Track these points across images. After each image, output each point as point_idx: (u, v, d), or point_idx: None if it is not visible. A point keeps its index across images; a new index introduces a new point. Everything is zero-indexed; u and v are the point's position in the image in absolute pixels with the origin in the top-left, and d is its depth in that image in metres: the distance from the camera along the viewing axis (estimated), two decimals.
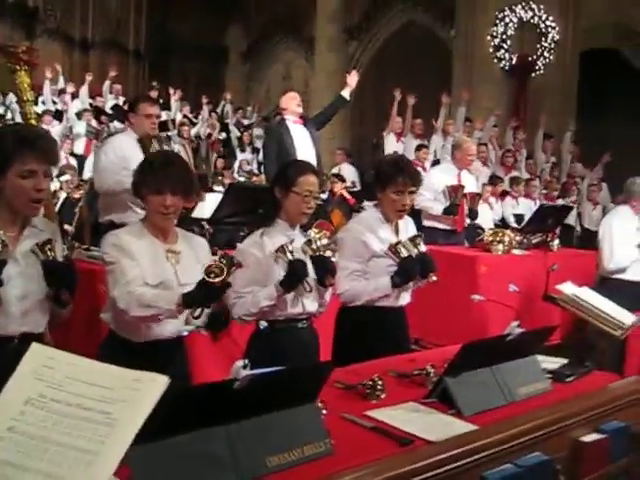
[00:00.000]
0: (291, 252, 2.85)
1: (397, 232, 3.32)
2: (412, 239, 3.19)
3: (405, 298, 3.33)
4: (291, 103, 6.03)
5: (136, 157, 4.10)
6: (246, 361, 1.61)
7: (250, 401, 1.64)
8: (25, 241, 2.31)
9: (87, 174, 9.96)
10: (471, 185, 6.32)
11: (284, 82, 17.46)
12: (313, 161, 5.98)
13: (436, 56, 14.23)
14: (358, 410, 2.14)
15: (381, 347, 2.95)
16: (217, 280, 2.39)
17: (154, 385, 1.17)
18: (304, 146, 5.88)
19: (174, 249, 2.65)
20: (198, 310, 2.50)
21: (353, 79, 6.46)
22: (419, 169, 4.06)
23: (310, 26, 16.57)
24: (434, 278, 3.17)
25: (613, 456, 2.42)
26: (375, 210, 3.35)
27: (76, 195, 7.39)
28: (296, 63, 17.99)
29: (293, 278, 2.82)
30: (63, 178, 8.05)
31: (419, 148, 9.19)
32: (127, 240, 2.58)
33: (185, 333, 2.69)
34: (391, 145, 9.50)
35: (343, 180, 9.94)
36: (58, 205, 7.22)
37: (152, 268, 2.54)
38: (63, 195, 7.62)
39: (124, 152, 4.28)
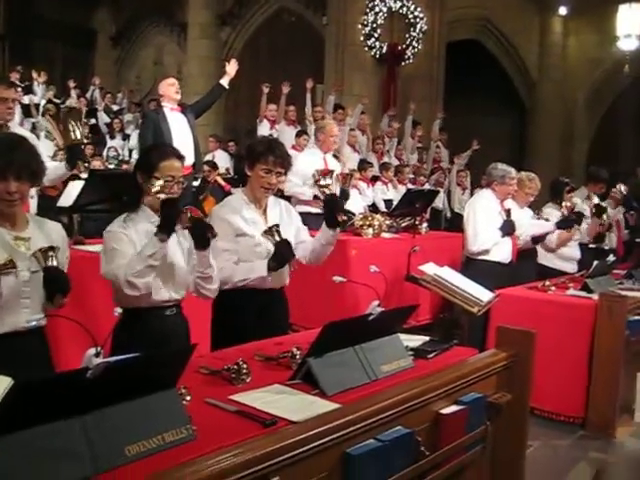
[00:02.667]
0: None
1: (265, 213, 3.34)
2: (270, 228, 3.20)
3: (282, 280, 3.35)
4: (170, 90, 5.94)
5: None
6: (99, 348, 1.56)
7: (105, 390, 1.59)
8: None
9: None
10: (336, 166, 6.44)
11: (155, 67, 17.06)
12: (190, 148, 5.92)
13: (309, 43, 14.34)
14: (223, 395, 2.13)
15: (258, 331, 2.96)
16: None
17: None
18: (181, 133, 5.82)
19: (22, 236, 2.53)
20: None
21: (232, 68, 6.45)
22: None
23: (182, 11, 16.25)
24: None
25: (471, 426, 2.54)
26: (241, 193, 3.38)
27: None
28: (168, 48, 17.60)
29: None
30: None
31: (299, 134, 9.23)
32: None
33: (34, 324, 2.55)
34: (265, 132, 9.49)
35: (216, 167, 9.86)
36: None
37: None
38: None
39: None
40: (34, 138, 3.94)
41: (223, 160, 11.29)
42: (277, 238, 3.15)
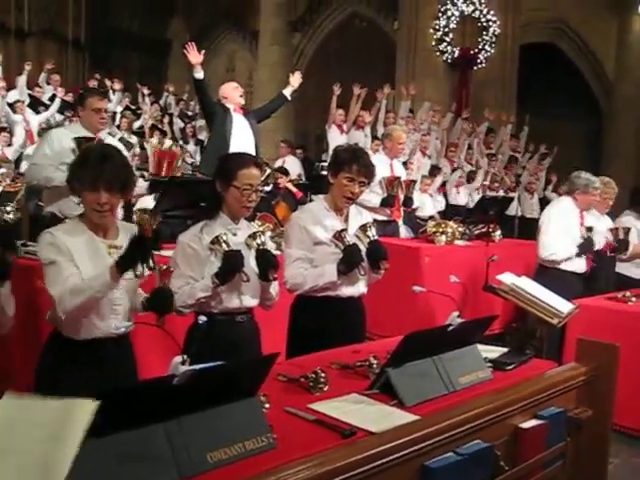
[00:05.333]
0: (226, 243, 2.84)
1: (346, 222, 3.32)
2: (362, 227, 3.17)
3: (360, 288, 3.33)
4: (234, 93, 5.99)
5: (74, 152, 4.04)
6: (185, 356, 1.59)
7: (189, 397, 1.62)
8: None
9: (24, 167, 9.71)
10: (402, 173, 6.39)
11: (227, 74, 17.32)
12: (251, 152, 5.98)
13: (380, 48, 14.32)
14: (301, 403, 2.14)
15: (336, 338, 2.96)
16: (149, 231, 2.48)
17: (81, 412, 1.12)
18: (241, 135, 5.85)
19: (115, 244, 2.59)
20: (139, 270, 2.50)
21: (296, 79, 6.41)
22: None
23: (254, 19, 16.47)
24: (386, 266, 3.17)
25: (551, 441, 2.48)
26: (322, 200, 3.37)
27: (12, 188, 7.18)
28: (239, 55, 17.88)
29: (227, 269, 2.81)
30: (0, 171, 7.81)
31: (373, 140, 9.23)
32: (63, 239, 2.51)
33: (123, 330, 2.63)
34: (335, 137, 9.51)
35: (287, 173, 9.91)
36: None
37: (92, 265, 2.47)
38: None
39: (62, 146, 4.17)
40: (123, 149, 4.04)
41: (294, 166, 11.36)
42: (346, 242, 3.12)
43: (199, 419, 1.65)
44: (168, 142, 6.00)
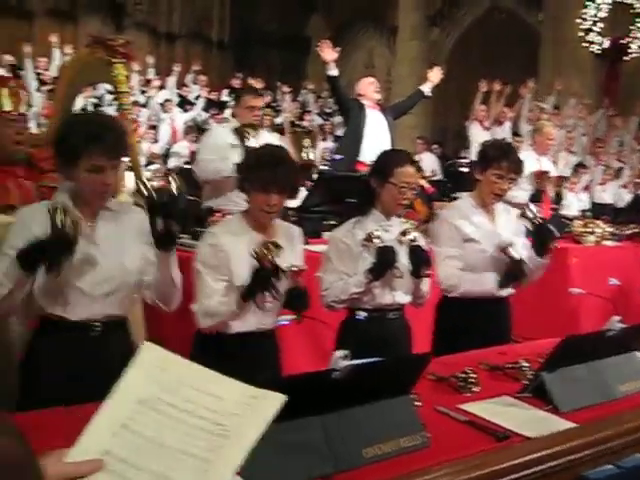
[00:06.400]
0: (379, 239, 2.83)
1: (493, 219, 3.26)
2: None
3: (508, 288, 3.26)
4: (369, 88, 5.98)
5: (234, 146, 4.22)
6: (347, 352, 1.60)
7: (348, 391, 1.64)
8: (101, 225, 2.33)
9: (172, 163, 10.23)
10: (551, 169, 6.16)
11: (366, 70, 17.36)
12: (384, 148, 5.94)
13: (522, 41, 13.87)
14: (451, 403, 2.11)
15: (481, 338, 2.90)
16: (267, 263, 2.41)
17: (269, 403, 1.14)
18: (376, 132, 5.82)
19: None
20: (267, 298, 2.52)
21: (436, 75, 6.26)
22: None
23: (393, 14, 16.41)
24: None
25: None
26: (468, 197, 3.32)
27: (164, 183, 7.57)
28: (378, 51, 17.88)
29: (381, 264, 2.80)
30: (152, 167, 8.28)
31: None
32: (225, 240, 2.58)
33: (271, 325, 2.70)
34: (476, 134, 9.31)
35: (419, 169, 9.81)
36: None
37: (249, 268, 2.49)
38: (153, 184, 7.83)
39: (224, 141, 4.37)
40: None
41: (430, 162, 11.25)
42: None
43: (356, 414, 1.67)
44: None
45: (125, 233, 2.35)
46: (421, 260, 2.87)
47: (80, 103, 9.57)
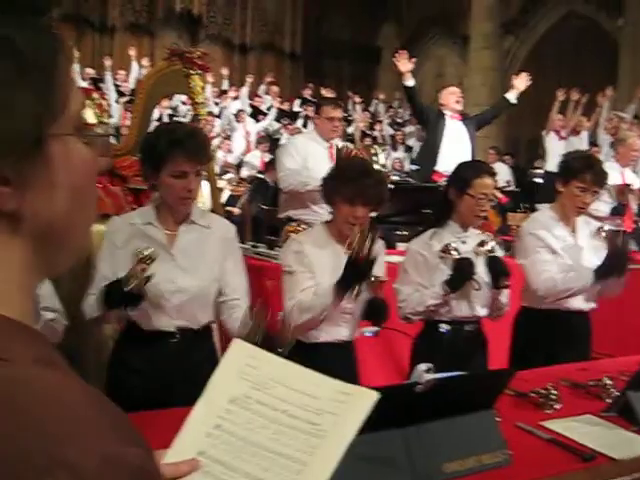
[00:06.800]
0: (456, 250, 2.80)
1: (574, 231, 3.18)
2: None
3: (590, 303, 3.18)
4: (450, 98, 5.91)
5: (318, 158, 4.26)
6: (430, 365, 1.59)
7: (430, 405, 1.62)
8: (183, 237, 2.38)
9: (244, 172, 10.38)
10: (635, 181, 5.95)
11: (437, 80, 17.26)
12: (464, 158, 5.86)
13: (599, 48, 13.51)
14: (532, 420, 2.06)
15: (561, 354, 2.83)
16: (362, 254, 2.40)
17: (363, 400, 1.11)
18: (455, 142, 5.75)
19: None
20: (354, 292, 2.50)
21: (522, 82, 6.06)
22: None
23: (464, 22, 16.25)
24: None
25: None
26: (548, 210, 3.25)
27: (238, 192, 7.71)
28: (449, 61, 17.73)
29: (459, 277, 2.77)
30: (226, 177, 8.42)
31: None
32: (309, 249, 2.59)
33: (349, 337, 2.69)
34: (553, 144, 9.11)
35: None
36: (223, 202, 7.57)
37: (333, 278, 2.50)
38: (227, 193, 7.96)
39: (306, 152, 4.41)
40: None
41: (502, 173, 11.07)
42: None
43: (437, 428, 1.65)
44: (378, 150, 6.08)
45: (205, 244, 2.40)
46: (500, 271, 2.82)
47: (156, 114, 9.83)
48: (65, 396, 0.51)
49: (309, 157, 4.32)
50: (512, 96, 6.14)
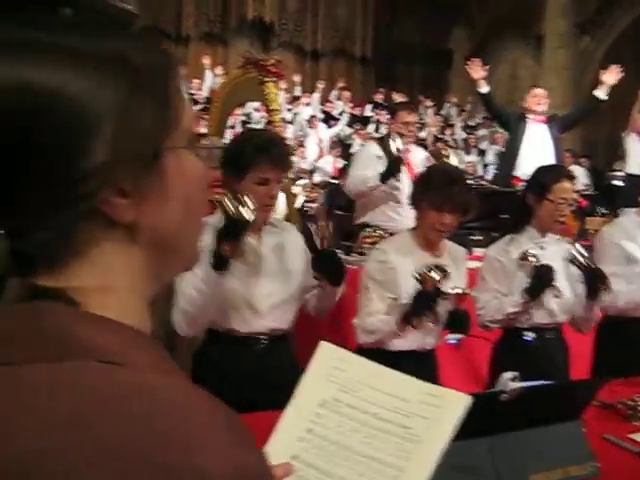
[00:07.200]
0: (535, 257, 2.74)
1: None
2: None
3: None
4: (531, 101, 5.79)
5: (379, 157, 4.26)
6: (516, 373, 1.56)
7: (516, 414, 1.59)
8: (266, 240, 2.42)
9: (317, 178, 10.44)
10: None
11: (510, 82, 16.97)
12: (547, 161, 5.70)
13: None
14: (619, 431, 2.00)
15: None
16: (430, 287, 2.39)
17: (456, 404, 1.09)
18: (536, 146, 5.61)
19: (442, 263, 2.58)
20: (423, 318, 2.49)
21: (611, 76, 5.82)
22: None
23: (538, 23, 15.93)
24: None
25: None
26: (633, 214, 3.15)
27: (312, 198, 7.77)
28: (522, 62, 17.38)
29: (539, 284, 2.71)
30: (300, 182, 8.49)
31: None
32: (393, 258, 2.59)
33: (430, 346, 2.68)
34: (634, 146, 8.80)
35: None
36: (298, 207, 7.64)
37: (413, 285, 2.49)
38: (301, 199, 8.03)
39: (372, 154, 4.42)
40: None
41: (579, 176, 10.76)
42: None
43: (523, 438, 1.62)
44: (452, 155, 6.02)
45: (287, 248, 2.43)
46: (599, 282, 2.72)
47: (230, 121, 10.00)
48: (188, 402, 0.51)
49: (380, 163, 4.30)
50: (601, 93, 5.89)
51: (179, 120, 0.62)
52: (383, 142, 4.42)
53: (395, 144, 4.17)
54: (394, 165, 4.12)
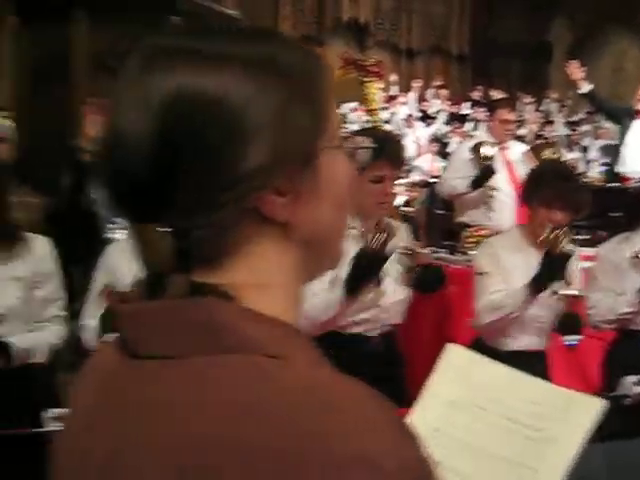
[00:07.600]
0: None
1: None
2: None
3: None
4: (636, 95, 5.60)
5: (471, 161, 4.20)
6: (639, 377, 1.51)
7: (636, 420, 1.54)
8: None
9: (415, 177, 10.36)
10: None
11: (614, 75, 16.31)
12: None
13: None
14: None
15: None
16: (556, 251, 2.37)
17: (589, 407, 1.07)
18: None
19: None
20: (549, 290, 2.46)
21: None
22: None
23: None
24: None
25: None
26: None
27: (412, 197, 7.76)
28: (629, 55, 16.68)
29: None
30: (400, 181, 8.46)
31: None
32: (501, 252, 2.59)
33: (539, 346, 2.63)
34: None
35: None
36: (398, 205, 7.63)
37: (525, 281, 2.48)
38: (402, 198, 8.02)
39: (464, 158, 4.36)
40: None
41: None
42: None
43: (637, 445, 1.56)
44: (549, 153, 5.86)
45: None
46: None
47: None
48: (359, 396, 0.53)
49: (466, 163, 4.24)
50: None
51: (330, 119, 0.63)
52: (475, 149, 4.31)
53: (485, 150, 4.11)
54: (483, 176, 4.08)
